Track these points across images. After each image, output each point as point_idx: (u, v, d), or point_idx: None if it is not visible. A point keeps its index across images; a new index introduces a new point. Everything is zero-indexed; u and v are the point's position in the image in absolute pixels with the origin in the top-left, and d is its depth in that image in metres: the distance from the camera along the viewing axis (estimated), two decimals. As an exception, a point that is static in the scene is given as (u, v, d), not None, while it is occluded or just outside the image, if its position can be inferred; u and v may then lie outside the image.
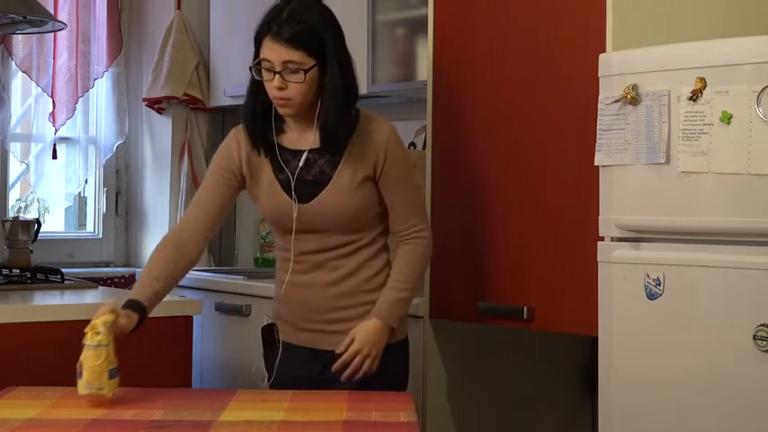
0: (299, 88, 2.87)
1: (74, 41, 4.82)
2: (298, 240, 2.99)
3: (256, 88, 2.96)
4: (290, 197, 2.96)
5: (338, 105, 2.90)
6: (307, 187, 2.96)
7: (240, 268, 4.90)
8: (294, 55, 2.84)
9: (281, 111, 2.93)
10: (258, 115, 2.97)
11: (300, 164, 2.96)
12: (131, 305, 2.81)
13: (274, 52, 2.85)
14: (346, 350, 2.90)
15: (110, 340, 2.51)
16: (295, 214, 2.95)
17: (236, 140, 3.04)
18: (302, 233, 2.98)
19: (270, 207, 3.02)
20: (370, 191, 2.98)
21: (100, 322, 2.52)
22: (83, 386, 2.47)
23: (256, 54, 2.91)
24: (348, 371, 2.88)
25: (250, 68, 2.93)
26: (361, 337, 2.91)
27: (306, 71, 2.85)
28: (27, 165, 4.84)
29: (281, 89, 2.87)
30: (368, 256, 3.01)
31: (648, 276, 2.78)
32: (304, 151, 2.97)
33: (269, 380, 3.06)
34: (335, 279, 2.99)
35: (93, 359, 2.47)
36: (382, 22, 4.07)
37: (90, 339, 2.49)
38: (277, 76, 2.86)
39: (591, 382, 3.68)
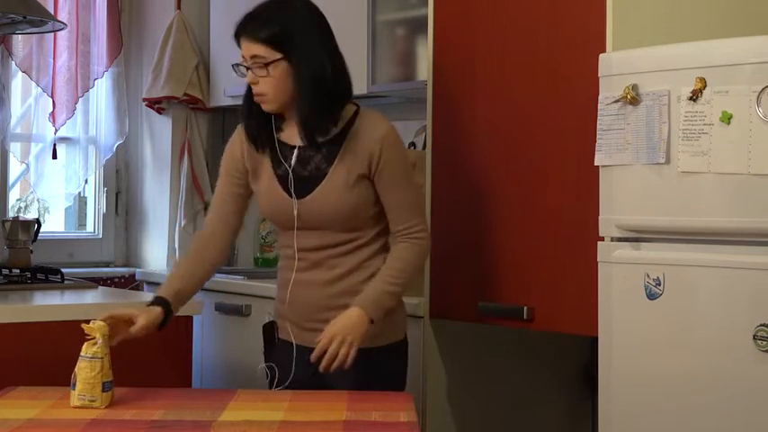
0: (268, 82, 2.91)
1: (74, 41, 4.82)
2: (298, 237, 3.00)
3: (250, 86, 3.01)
4: (286, 192, 2.98)
5: (309, 101, 2.92)
6: (303, 183, 2.97)
7: (240, 268, 4.90)
8: (259, 49, 2.90)
9: (263, 107, 2.97)
10: (254, 112, 3.00)
11: (293, 160, 2.98)
12: (154, 301, 2.91)
13: (245, 48, 2.94)
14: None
15: (105, 353, 2.49)
16: (296, 212, 2.96)
17: (239, 138, 3.08)
18: (301, 230, 2.99)
19: (267, 202, 3.04)
20: (366, 189, 2.98)
21: (98, 331, 2.50)
22: (75, 397, 2.46)
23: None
24: (324, 360, 2.86)
25: (233, 67, 2.99)
26: (337, 325, 2.89)
27: (267, 65, 2.89)
28: (27, 165, 4.84)
29: (253, 84, 2.94)
30: (366, 256, 3.00)
31: (648, 276, 2.78)
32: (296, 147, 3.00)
33: (271, 379, 3.06)
34: (333, 278, 2.99)
35: (88, 371, 2.46)
36: (382, 22, 4.07)
37: (85, 351, 2.49)
38: (249, 71, 2.93)
39: (591, 382, 3.68)
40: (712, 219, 2.69)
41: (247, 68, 2.93)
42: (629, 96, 2.82)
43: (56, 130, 4.80)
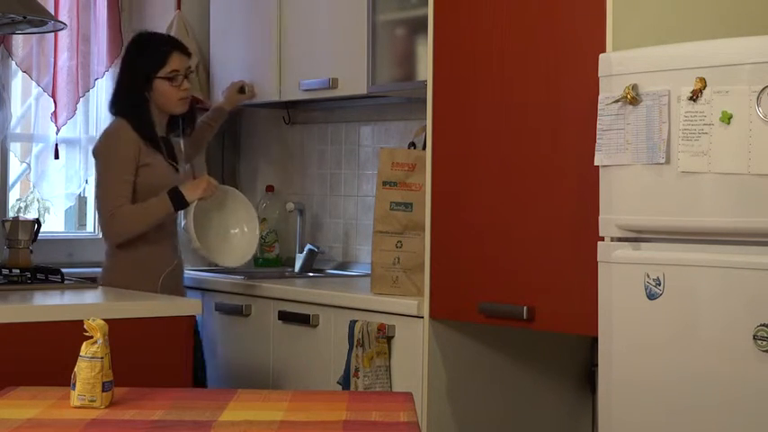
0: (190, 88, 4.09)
1: (74, 41, 4.83)
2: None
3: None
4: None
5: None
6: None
7: (240, 268, 4.89)
8: (190, 61, 4.12)
9: (182, 108, 4.08)
10: (150, 117, 4.05)
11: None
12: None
13: (182, 61, 4.05)
14: None
15: (105, 353, 2.49)
16: None
17: (134, 136, 3.98)
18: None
19: (165, 186, 3.99)
20: None
21: (98, 329, 2.50)
22: (75, 398, 2.46)
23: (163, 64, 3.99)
24: None
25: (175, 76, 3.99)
26: None
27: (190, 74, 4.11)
28: (27, 165, 4.84)
29: (186, 89, 4.04)
30: None
31: (648, 276, 2.78)
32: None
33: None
34: None
35: (88, 371, 2.45)
36: (382, 22, 4.07)
37: (85, 351, 2.48)
38: (185, 79, 4.04)
39: (591, 382, 3.68)
40: (712, 219, 2.69)
41: (185, 77, 4.01)
42: (629, 96, 2.82)
43: (57, 130, 4.80)
